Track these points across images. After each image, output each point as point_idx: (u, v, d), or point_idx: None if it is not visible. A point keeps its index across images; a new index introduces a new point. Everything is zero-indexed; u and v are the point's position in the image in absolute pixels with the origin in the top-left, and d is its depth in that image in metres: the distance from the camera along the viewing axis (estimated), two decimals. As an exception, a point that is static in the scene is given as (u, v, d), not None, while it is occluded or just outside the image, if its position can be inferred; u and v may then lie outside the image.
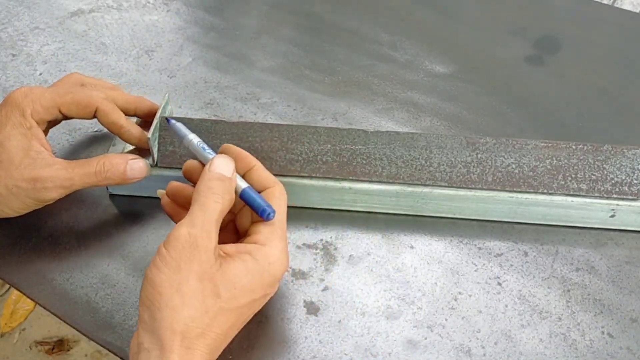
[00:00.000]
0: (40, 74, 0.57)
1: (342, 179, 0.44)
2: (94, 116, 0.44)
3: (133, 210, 0.45)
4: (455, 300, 0.41)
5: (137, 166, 0.41)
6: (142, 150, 0.44)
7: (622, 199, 0.43)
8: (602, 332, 0.39)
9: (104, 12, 0.67)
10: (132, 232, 0.44)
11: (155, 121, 0.43)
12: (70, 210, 0.45)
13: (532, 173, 0.43)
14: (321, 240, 0.44)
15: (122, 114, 0.44)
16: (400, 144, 0.44)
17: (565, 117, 0.56)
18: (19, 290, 0.41)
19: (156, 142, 0.43)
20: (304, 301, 0.40)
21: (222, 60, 0.61)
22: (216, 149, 0.44)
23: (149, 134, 0.42)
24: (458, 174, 0.43)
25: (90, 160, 0.41)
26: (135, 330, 0.39)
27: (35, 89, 0.42)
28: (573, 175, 0.43)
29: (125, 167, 0.41)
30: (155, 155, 0.43)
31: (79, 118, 0.45)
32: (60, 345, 1.13)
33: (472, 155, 0.44)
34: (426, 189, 0.43)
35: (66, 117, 0.44)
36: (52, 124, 0.45)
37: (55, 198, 0.40)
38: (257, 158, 0.43)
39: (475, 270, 0.42)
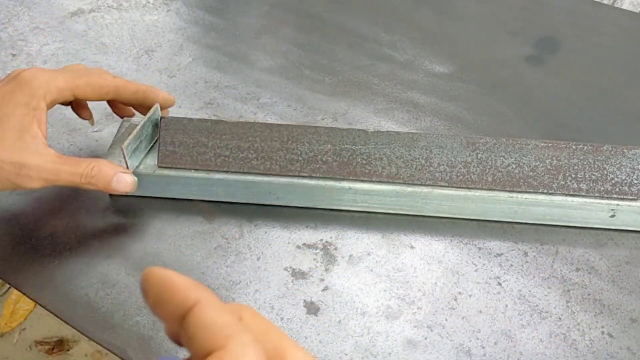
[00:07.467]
0: (40, 74, 0.57)
1: (342, 179, 0.44)
2: (109, 98, 0.43)
3: (133, 210, 0.45)
4: (455, 300, 0.41)
5: (124, 180, 0.41)
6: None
7: (622, 199, 0.43)
8: (602, 332, 0.39)
9: (104, 12, 0.67)
10: (132, 232, 0.44)
11: (136, 131, 0.42)
12: (70, 210, 0.45)
13: (532, 173, 0.43)
14: (321, 240, 0.44)
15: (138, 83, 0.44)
16: (400, 144, 0.44)
17: (565, 117, 0.56)
18: (19, 290, 0.41)
19: (130, 153, 0.42)
20: (304, 301, 0.40)
21: (222, 60, 0.61)
22: (217, 149, 0.44)
23: (124, 144, 0.41)
24: (458, 174, 0.43)
25: (81, 161, 0.40)
26: (135, 330, 0.39)
27: (46, 70, 0.41)
28: (573, 175, 0.43)
29: (112, 178, 0.40)
30: (128, 164, 0.42)
31: (92, 100, 0.44)
32: (60, 345, 1.13)
33: (472, 155, 0.44)
34: (426, 189, 0.43)
35: (72, 101, 0.44)
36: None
37: (35, 188, 0.40)
38: (256, 158, 0.43)
39: (475, 270, 0.42)
